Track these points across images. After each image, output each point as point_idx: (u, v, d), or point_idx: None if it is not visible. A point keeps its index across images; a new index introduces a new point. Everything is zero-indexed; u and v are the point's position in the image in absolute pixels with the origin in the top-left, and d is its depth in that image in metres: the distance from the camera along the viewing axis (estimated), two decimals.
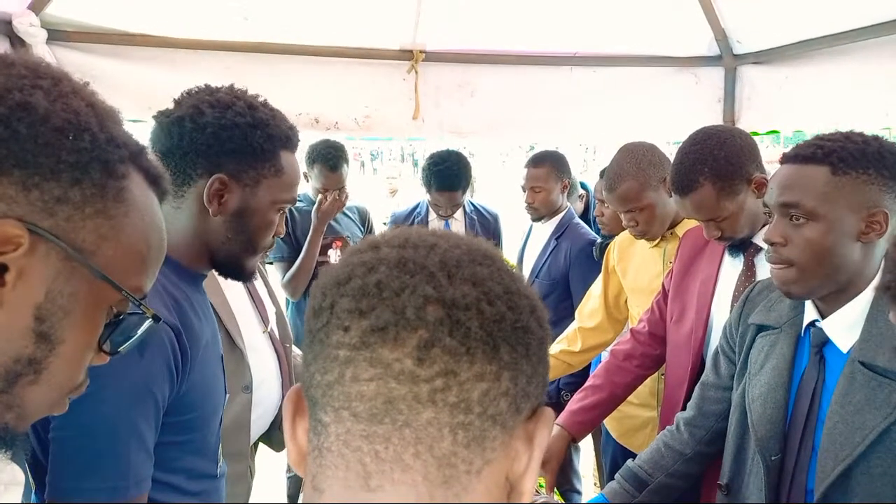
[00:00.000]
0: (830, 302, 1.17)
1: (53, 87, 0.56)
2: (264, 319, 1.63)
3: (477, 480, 0.45)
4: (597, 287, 2.25)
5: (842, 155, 1.10)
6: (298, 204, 2.74)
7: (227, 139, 1.03)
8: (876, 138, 1.14)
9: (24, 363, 0.56)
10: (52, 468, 0.89)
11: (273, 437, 1.66)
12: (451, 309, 0.44)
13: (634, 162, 1.93)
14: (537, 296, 0.50)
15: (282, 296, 2.52)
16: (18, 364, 0.56)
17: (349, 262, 0.48)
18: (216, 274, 1.18)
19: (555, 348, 2.15)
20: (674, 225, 2.01)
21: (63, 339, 0.57)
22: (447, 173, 2.81)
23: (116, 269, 0.59)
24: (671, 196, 1.92)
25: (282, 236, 1.22)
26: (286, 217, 1.25)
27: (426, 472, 0.44)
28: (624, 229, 2.13)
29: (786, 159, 1.18)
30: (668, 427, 1.52)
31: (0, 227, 0.52)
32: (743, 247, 1.63)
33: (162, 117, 1.06)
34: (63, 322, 0.57)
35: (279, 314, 1.73)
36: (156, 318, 0.65)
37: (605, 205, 2.48)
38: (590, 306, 2.23)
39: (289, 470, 2.89)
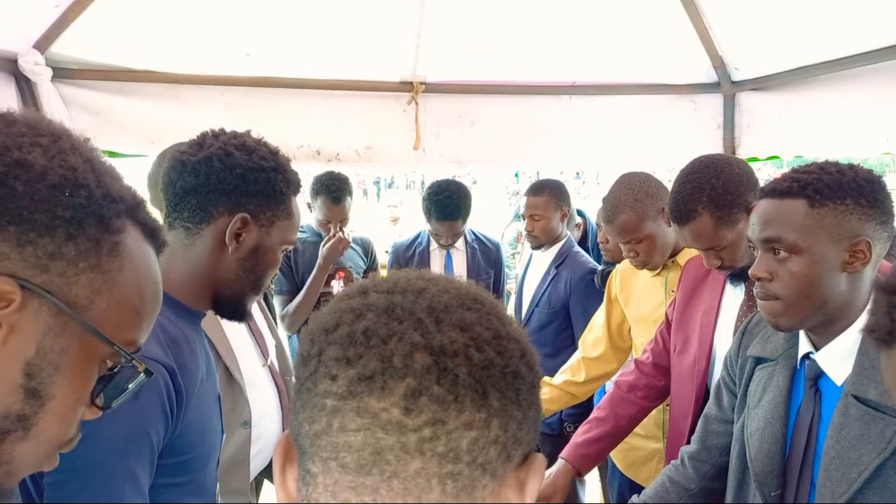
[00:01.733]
0: (822, 334, 1.17)
1: (52, 144, 0.56)
2: (264, 353, 1.62)
3: None
4: (600, 316, 2.24)
5: (818, 187, 1.10)
6: (301, 235, 2.74)
7: (253, 181, 1.08)
8: (851, 167, 1.14)
9: (13, 419, 0.56)
10: None
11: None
12: (439, 356, 0.43)
13: (631, 193, 1.93)
14: (527, 339, 0.50)
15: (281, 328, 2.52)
16: (7, 420, 0.55)
17: (337, 308, 0.48)
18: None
19: (558, 379, 2.13)
20: (675, 253, 2.00)
21: (53, 394, 0.57)
22: (447, 203, 2.81)
23: (109, 323, 0.59)
24: (670, 225, 1.92)
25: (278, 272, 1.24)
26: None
27: None
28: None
29: (763, 194, 1.18)
30: (672, 461, 1.50)
31: None
32: (744, 276, 1.62)
33: (187, 155, 1.09)
34: (53, 378, 0.56)
35: (279, 347, 1.73)
36: (148, 373, 0.64)
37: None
38: (593, 336, 2.22)
39: None
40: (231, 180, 1.07)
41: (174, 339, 1.02)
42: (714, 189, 1.54)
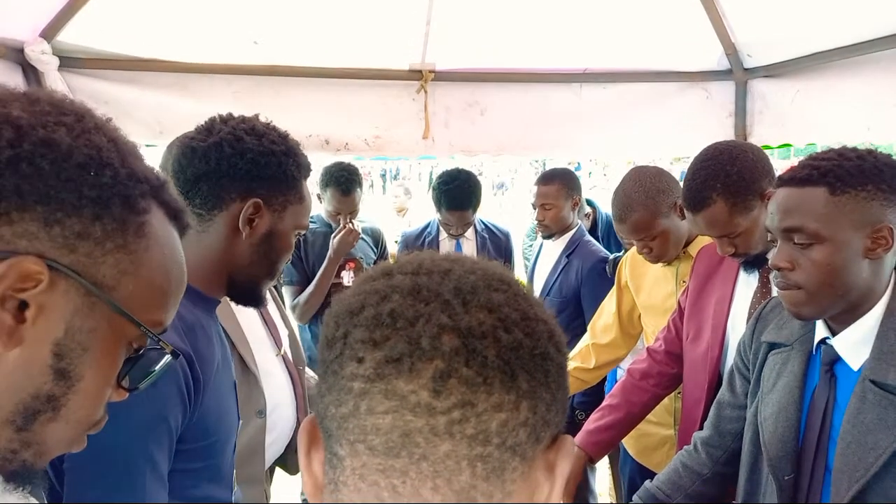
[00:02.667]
0: (841, 320, 1.16)
1: (77, 123, 0.56)
2: (277, 342, 1.62)
3: None
4: (610, 303, 2.23)
5: (838, 174, 1.09)
6: (311, 226, 2.74)
7: (265, 165, 1.08)
8: (871, 152, 1.12)
9: (43, 400, 0.56)
10: (68, 498, 0.89)
11: (288, 460, 1.65)
12: (467, 338, 0.43)
13: (643, 191, 1.91)
14: (555, 320, 0.49)
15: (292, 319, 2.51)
16: (37, 401, 0.56)
17: (361, 289, 0.47)
18: (228, 300, 1.19)
19: (569, 366, 2.12)
20: (686, 244, 1.99)
21: (82, 375, 0.57)
22: (457, 192, 2.81)
23: (136, 304, 0.59)
24: (683, 219, 1.90)
25: (289, 261, 1.24)
26: (298, 240, 1.26)
27: None
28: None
29: (782, 183, 1.16)
30: (685, 447, 1.50)
31: (21, 263, 0.52)
32: (758, 263, 1.61)
33: (197, 142, 1.08)
34: (82, 358, 0.57)
35: (292, 337, 1.73)
36: (174, 354, 0.64)
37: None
38: (603, 322, 2.21)
39: (303, 494, 2.87)
40: (242, 165, 1.06)
41: (190, 326, 1.02)
42: (728, 176, 1.52)
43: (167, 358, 0.64)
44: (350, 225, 2.62)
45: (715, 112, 2.69)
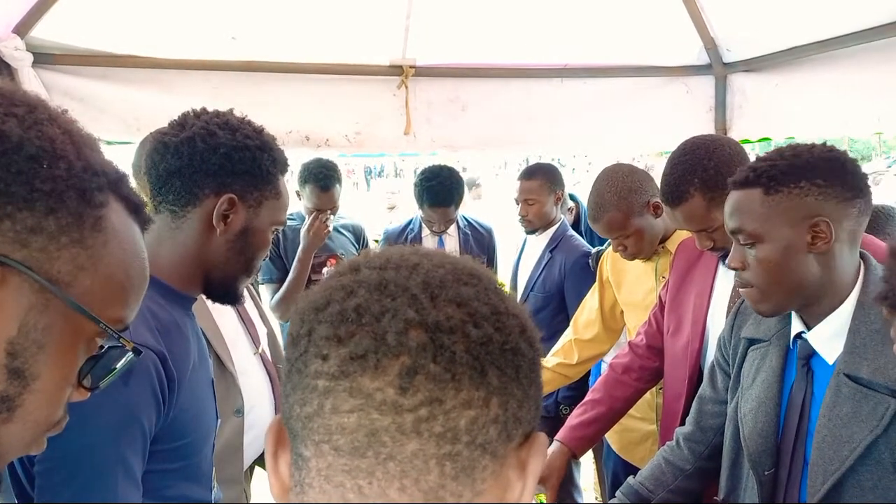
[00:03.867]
0: (812, 314, 1.17)
1: (28, 114, 0.54)
2: (255, 341, 1.60)
3: None
4: (592, 298, 2.23)
5: (771, 174, 1.12)
6: (290, 223, 2.71)
7: (239, 160, 1.06)
8: (811, 148, 1.14)
9: None
10: (38, 501, 0.87)
11: None
12: (435, 333, 0.42)
13: (615, 191, 1.91)
14: (528, 315, 0.48)
15: (273, 317, 2.49)
16: None
17: (328, 285, 0.46)
18: (205, 298, 1.17)
19: (550, 361, 2.13)
20: (664, 239, 1.99)
21: (38, 374, 0.55)
22: (439, 189, 2.79)
23: (95, 300, 0.57)
24: (657, 217, 1.91)
25: (267, 258, 1.22)
26: (277, 237, 1.24)
27: None
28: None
29: (731, 185, 1.20)
30: (668, 443, 1.51)
31: None
32: None
33: (169, 137, 1.06)
34: (37, 357, 0.55)
35: (271, 335, 1.71)
36: (136, 352, 0.62)
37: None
38: (585, 318, 2.21)
39: None
40: (215, 160, 1.04)
41: (165, 324, 1.00)
42: (706, 170, 1.53)
43: (129, 356, 0.62)
44: (322, 218, 2.59)
45: (695, 106, 2.70)
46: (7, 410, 0.54)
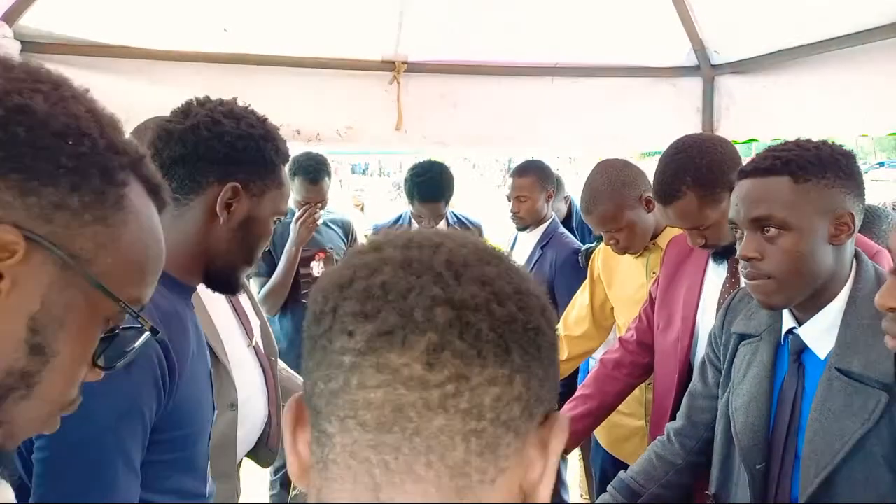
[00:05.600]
0: (806, 309, 1.18)
1: (53, 91, 0.54)
2: (249, 333, 1.59)
3: (491, 490, 0.43)
4: (582, 295, 2.25)
5: (800, 163, 1.11)
6: None
7: (243, 149, 1.06)
8: (825, 143, 1.16)
9: (17, 376, 0.54)
10: (37, 490, 0.86)
11: (259, 453, 1.63)
12: (461, 310, 0.42)
13: (609, 183, 1.93)
14: (546, 296, 0.49)
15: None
16: (10, 377, 0.54)
17: (351, 263, 0.46)
18: (200, 290, 1.16)
19: None
20: (655, 235, 2.02)
21: (57, 351, 0.55)
22: (430, 184, 2.79)
23: (114, 279, 0.57)
24: (649, 211, 1.93)
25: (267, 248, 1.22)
26: None
27: (439, 483, 0.42)
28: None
29: (744, 174, 1.18)
30: (659, 437, 1.52)
31: None
32: (727, 253, 1.64)
33: (174, 124, 1.06)
34: (58, 334, 0.55)
35: (264, 327, 1.70)
36: (154, 331, 0.62)
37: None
38: (575, 314, 2.23)
39: (271, 488, 2.83)
40: (220, 148, 1.04)
41: (166, 314, 0.99)
42: (698, 168, 1.55)
43: (146, 335, 0.62)
44: (311, 211, 2.58)
45: (682, 107, 2.73)
46: (26, 387, 0.54)
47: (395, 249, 0.46)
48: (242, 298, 1.64)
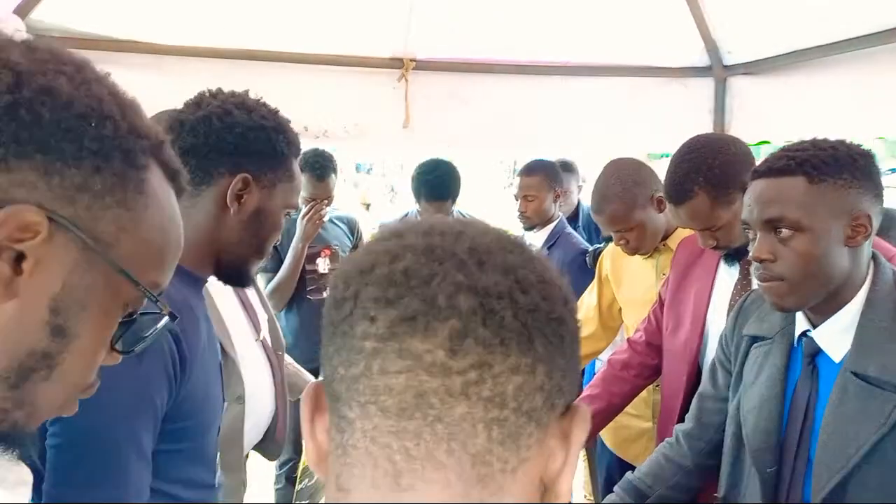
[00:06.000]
0: (821, 311, 1.17)
1: (77, 73, 0.54)
2: (256, 328, 1.59)
3: (512, 480, 0.43)
4: (590, 296, 2.23)
5: (815, 163, 1.09)
6: None
7: (254, 140, 1.06)
8: (842, 143, 1.14)
9: (38, 357, 0.54)
10: (49, 478, 0.86)
11: (266, 446, 1.63)
12: (484, 297, 0.42)
13: (620, 183, 1.92)
14: (569, 287, 0.48)
15: None
16: (32, 358, 0.54)
17: (372, 249, 0.46)
18: (208, 283, 1.16)
19: None
20: (666, 236, 2.00)
21: (78, 334, 0.55)
22: (437, 183, 2.78)
23: (134, 263, 0.57)
24: (660, 212, 1.92)
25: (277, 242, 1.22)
26: None
27: (460, 471, 0.41)
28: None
29: (758, 174, 1.16)
30: (667, 439, 1.51)
31: (19, 213, 0.50)
32: (738, 255, 1.63)
33: (185, 115, 1.06)
34: (79, 316, 0.55)
35: (272, 322, 1.70)
36: (172, 317, 0.62)
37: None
38: (582, 315, 2.21)
39: (277, 482, 2.83)
40: (231, 139, 1.04)
41: (177, 304, 0.98)
42: (711, 169, 1.53)
43: (165, 320, 0.62)
44: (317, 208, 2.58)
45: (694, 108, 2.71)
46: (47, 368, 0.55)
47: (417, 236, 0.45)
48: (250, 292, 1.64)
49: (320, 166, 2.67)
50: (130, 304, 0.60)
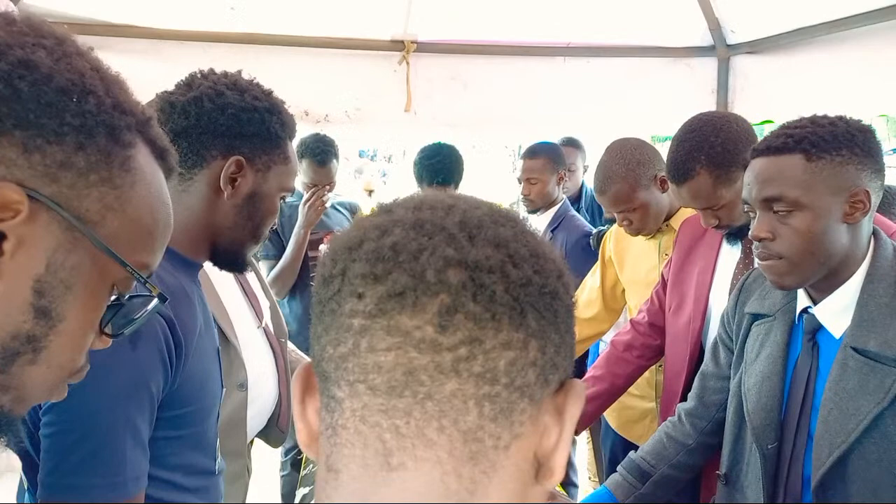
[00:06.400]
0: (821, 288, 1.16)
1: (57, 46, 0.53)
2: (258, 315, 1.58)
3: (505, 456, 0.42)
4: (594, 278, 2.23)
5: (813, 140, 1.09)
6: (288, 199, 2.69)
7: (247, 122, 1.03)
8: (841, 118, 1.13)
9: (23, 340, 0.53)
10: (45, 466, 0.85)
11: (270, 433, 1.63)
12: (475, 272, 0.41)
13: (623, 163, 1.90)
14: (563, 260, 0.47)
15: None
16: (16, 341, 0.53)
17: (361, 225, 0.45)
18: (207, 269, 1.15)
19: None
20: (669, 217, 1.99)
21: (64, 316, 0.54)
22: (439, 168, 2.75)
23: (121, 243, 0.56)
24: (664, 192, 1.90)
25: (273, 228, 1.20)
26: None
27: (451, 448, 0.41)
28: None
29: (757, 153, 1.16)
30: (669, 418, 1.51)
31: None
32: (741, 234, 1.62)
33: (176, 97, 1.04)
34: (64, 297, 0.54)
35: (273, 308, 1.69)
36: (162, 298, 0.61)
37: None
38: (586, 297, 2.21)
39: (282, 468, 2.85)
40: (223, 121, 1.02)
41: (172, 290, 0.98)
42: (713, 147, 1.51)
43: (155, 302, 0.61)
44: (319, 194, 2.57)
45: (698, 88, 2.70)
46: (32, 351, 0.53)
47: (407, 211, 0.44)
48: (252, 279, 1.63)
49: (321, 151, 2.66)
50: (118, 285, 0.58)
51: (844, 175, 1.08)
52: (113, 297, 0.59)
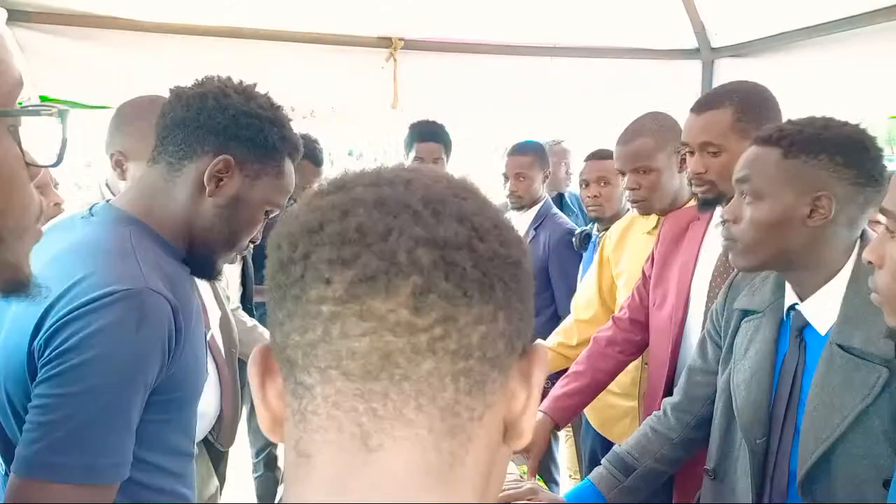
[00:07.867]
0: (806, 286, 1.18)
1: None
2: (205, 325, 1.54)
3: (479, 426, 0.43)
4: (591, 278, 2.23)
5: (795, 139, 1.11)
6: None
7: (246, 125, 1.03)
8: (843, 124, 1.14)
9: None
10: (26, 437, 0.84)
11: (210, 450, 1.59)
12: (444, 250, 0.40)
13: (657, 123, 1.93)
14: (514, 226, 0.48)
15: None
16: None
17: (317, 205, 0.43)
18: None
19: (552, 340, 2.13)
20: (671, 210, 1.98)
21: None
22: (429, 127, 2.69)
23: None
24: (680, 172, 1.90)
25: (257, 243, 1.18)
26: (270, 221, 1.21)
27: (430, 425, 0.41)
28: (614, 214, 2.09)
29: (753, 140, 1.20)
30: (655, 412, 1.52)
31: None
32: (713, 203, 1.60)
33: (186, 89, 1.05)
34: None
35: (224, 318, 1.66)
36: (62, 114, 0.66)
37: (601, 183, 2.43)
38: (584, 298, 2.21)
39: (255, 470, 2.82)
40: (222, 120, 1.02)
41: (170, 276, 0.98)
42: (749, 95, 1.53)
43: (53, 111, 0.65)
44: None
45: (682, 90, 2.72)
46: None
47: (365, 188, 0.43)
48: (203, 289, 1.59)
49: (318, 152, 2.62)
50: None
51: (813, 177, 1.10)
52: None
